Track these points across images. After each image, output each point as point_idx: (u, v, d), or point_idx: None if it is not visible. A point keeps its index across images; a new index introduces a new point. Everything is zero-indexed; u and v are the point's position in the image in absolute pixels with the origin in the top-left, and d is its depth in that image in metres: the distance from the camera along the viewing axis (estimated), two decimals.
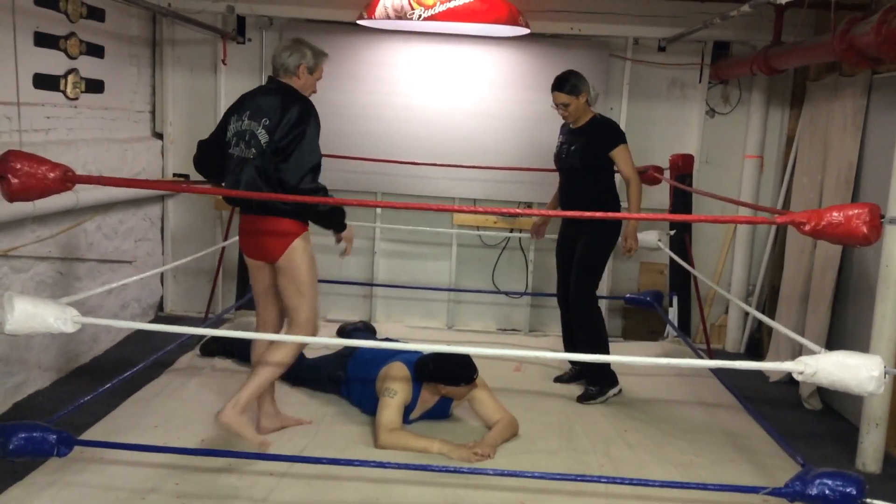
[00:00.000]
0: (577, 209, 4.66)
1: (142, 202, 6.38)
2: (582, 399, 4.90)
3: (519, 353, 3.16)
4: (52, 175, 2.73)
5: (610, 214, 4.65)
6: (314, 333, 3.93)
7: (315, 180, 3.71)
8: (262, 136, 3.69)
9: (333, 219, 3.89)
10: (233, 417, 3.69)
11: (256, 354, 4.06)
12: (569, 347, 5.16)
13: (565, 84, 4.81)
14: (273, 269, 3.88)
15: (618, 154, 4.83)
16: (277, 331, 4.08)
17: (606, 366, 4.91)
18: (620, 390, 4.95)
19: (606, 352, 4.92)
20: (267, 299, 4.05)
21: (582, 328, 4.93)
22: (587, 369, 5.02)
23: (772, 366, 3.02)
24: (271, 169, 3.68)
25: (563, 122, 5.05)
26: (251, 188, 3.71)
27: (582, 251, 4.89)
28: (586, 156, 4.82)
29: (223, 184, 3.95)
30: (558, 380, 5.23)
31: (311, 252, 3.86)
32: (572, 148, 4.88)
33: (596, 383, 4.93)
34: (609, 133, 4.87)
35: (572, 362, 5.24)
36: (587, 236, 4.87)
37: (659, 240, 5.88)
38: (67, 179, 2.76)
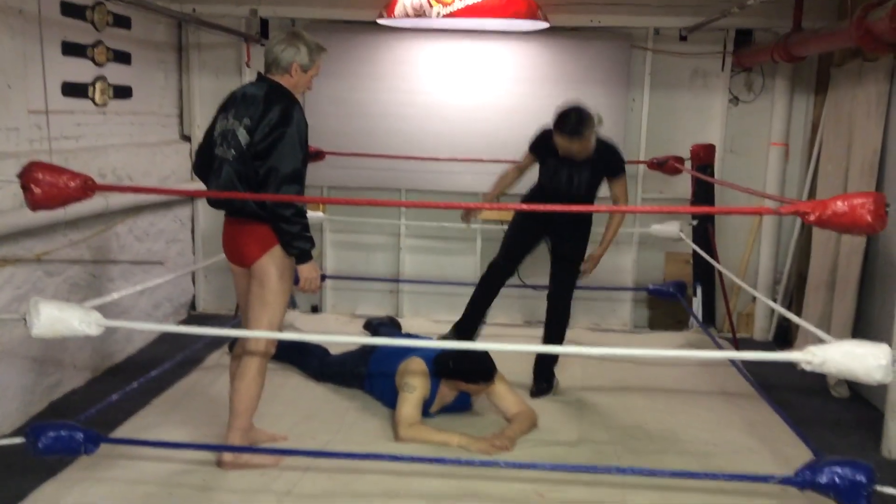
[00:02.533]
0: (568, 223, 4.75)
1: (172, 204, 6.53)
2: (539, 394, 4.86)
3: (530, 348, 3.19)
4: (72, 184, 2.84)
5: (627, 208, 4.61)
6: (267, 350, 3.70)
7: (295, 189, 3.43)
8: (242, 137, 3.48)
9: (291, 245, 3.52)
10: (234, 461, 3.66)
11: (232, 368, 3.88)
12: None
13: (581, 128, 4.46)
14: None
15: (620, 183, 4.78)
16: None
17: (554, 357, 4.99)
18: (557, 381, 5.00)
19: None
20: (251, 304, 3.77)
21: (561, 323, 4.98)
22: (546, 364, 4.98)
23: (779, 356, 3.04)
24: (251, 172, 3.48)
25: (547, 133, 4.76)
26: (228, 189, 3.52)
27: (571, 254, 4.90)
28: (591, 185, 4.76)
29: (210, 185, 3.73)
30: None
31: (287, 264, 3.62)
32: (577, 178, 4.70)
33: (546, 377, 4.95)
34: (615, 161, 4.77)
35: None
36: (575, 242, 4.89)
37: (680, 230, 5.88)
38: (88, 188, 2.87)
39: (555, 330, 4.99)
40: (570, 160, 4.66)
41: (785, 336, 6.61)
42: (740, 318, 6.78)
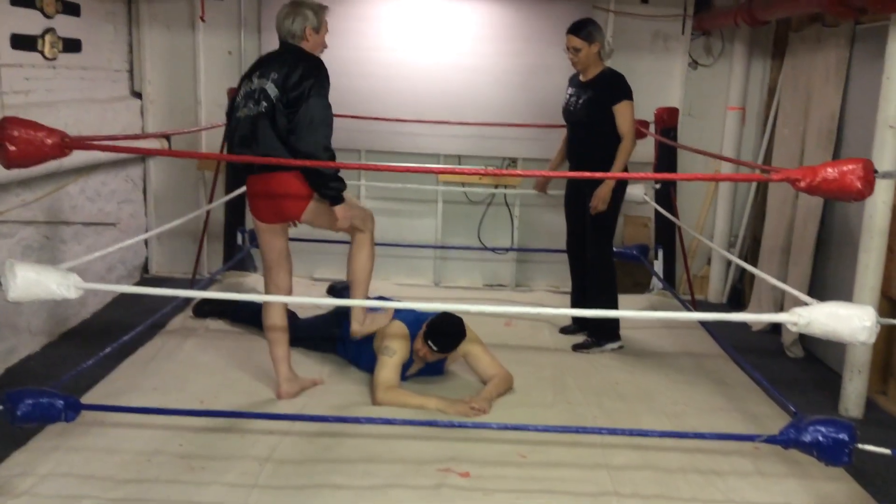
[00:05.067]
0: (585, 163, 4.82)
1: (124, 163, 6.32)
2: (577, 347, 5.03)
3: (533, 311, 3.19)
4: (49, 141, 2.71)
5: (598, 174, 4.66)
6: (373, 227, 4.15)
7: (327, 136, 3.65)
8: (272, 91, 3.64)
9: (328, 186, 3.74)
10: (289, 389, 4.06)
11: (271, 320, 4.06)
12: (577, 300, 5.26)
13: (581, 29, 4.78)
14: (285, 230, 3.97)
15: (620, 108, 4.82)
16: (290, 294, 4.17)
17: (614, 320, 5.04)
18: (621, 346, 5.07)
19: (615, 307, 5.02)
20: (281, 264, 4.04)
21: (596, 284, 5.03)
22: (593, 320, 5.10)
23: (765, 317, 3.11)
24: (283, 122, 3.64)
25: (570, 74, 5.06)
26: (268, 141, 3.66)
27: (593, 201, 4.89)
28: (592, 109, 4.83)
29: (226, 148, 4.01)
30: (564, 331, 5.34)
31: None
32: (580, 101, 4.88)
33: (596, 335, 5.05)
34: (615, 86, 4.85)
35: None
36: (592, 190, 4.88)
37: (645, 193, 5.93)
38: (65, 145, 2.73)
39: (594, 291, 5.02)
40: (578, 87, 4.90)
41: (739, 298, 6.76)
42: (695, 280, 6.90)
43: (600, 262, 5.01)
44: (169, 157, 6.75)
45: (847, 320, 2.83)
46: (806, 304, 3.00)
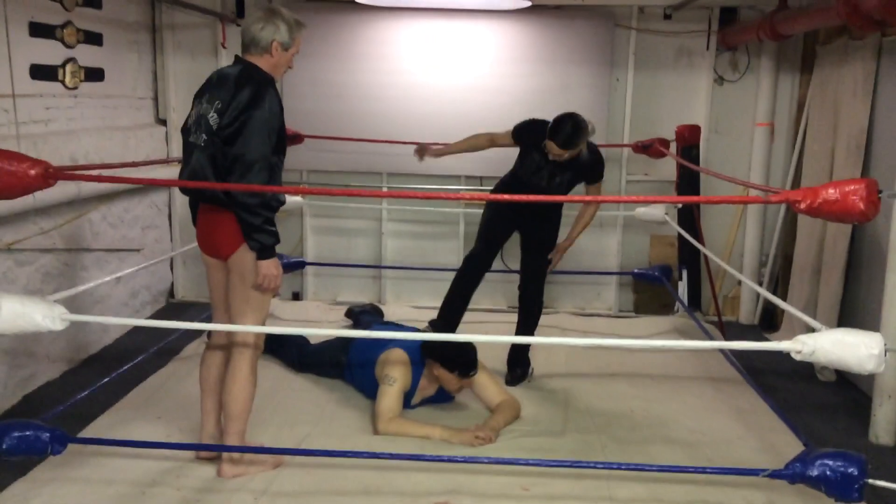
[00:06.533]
0: (541, 211, 4.74)
1: (148, 190, 6.37)
2: (514, 381, 4.83)
3: (515, 339, 3.09)
4: (32, 172, 2.72)
5: (610, 198, 4.59)
6: (257, 345, 3.49)
7: (262, 177, 3.21)
8: (213, 121, 3.28)
9: (251, 236, 3.28)
10: (234, 471, 3.52)
11: (207, 372, 3.66)
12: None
13: (571, 144, 4.42)
14: (226, 268, 3.48)
15: (596, 187, 4.79)
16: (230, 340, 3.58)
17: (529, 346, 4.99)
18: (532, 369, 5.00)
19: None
20: (222, 305, 3.60)
21: (534, 312, 4.96)
22: (519, 351, 4.97)
23: (769, 345, 2.97)
24: (220, 157, 3.27)
25: (532, 126, 4.76)
26: (197, 177, 3.32)
27: (543, 242, 4.88)
28: (570, 185, 4.75)
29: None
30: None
31: None
32: (554, 177, 4.63)
33: (522, 364, 4.93)
34: (598, 168, 4.73)
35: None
36: (548, 230, 4.86)
37: (666, 213, 5.79)
38: (49, 176, 2.75)
39: (528, 319, 4.96)
40: (552, 163, 4.59)
41: (771, 319, 6.55)
42: (725, 301, 6.72)
43: (541, 288, 5.01)
44: None
45: (854, 348, 2.71)
46: (813, 329, 2.88)
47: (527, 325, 4.93)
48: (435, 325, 4.79)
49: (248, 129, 3.20)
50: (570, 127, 4.41)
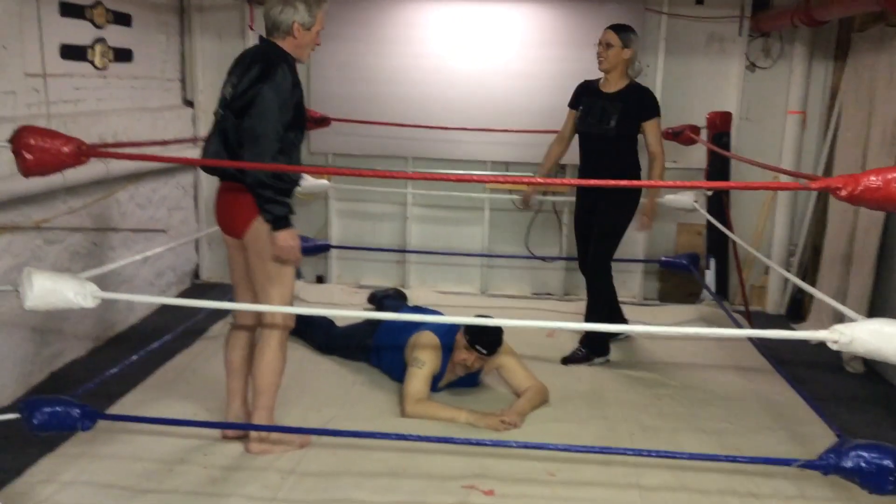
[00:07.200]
0: (602, 176, 4.59)
1: (174, 171, 6.38)
2: (568, 360, 4.89)
3: (543, 324, 3.07)
4: (65, 149, 2.72)
5: (636, 182, 4.53)
6: (285, 323, 3.49)
7: (270, 150, 3.20)
8: (228, 95, 3.33)
9: (264, 208, 3.28)
10: (262, 448, 3.54)
11: (232, 353, 3.70)
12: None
13: (622, 29, 4.72)
14: (244, 247, 3.45)
15: (652, 125, 4.69)
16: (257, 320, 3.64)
17: (605, 333, 4.91)
18: (608, 360, 4.94)
19: (610, 319, 4.86)
20: (244, 284, 3.60)
21: (592, 294, 4.94)
22: (590, 334, 4.95)
23: (805, 334, 2.91)
24: (231, 130, 3.30)
25: (584, 83, 4.95)
26: (209, 151, 3.38)
27: (603, 217, 4.80)
28: (622, 123, 4.67)
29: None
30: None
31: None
32: (606, 113, 4.71)
33: (587, 346, 4.91)
34: (648, 102, 4.74)
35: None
36: (608, 202, 4.77)
37: (695, 201, 5.73)
38: (82, 153, 2.75)
39: (591, 301, 4.95)
40: (602, 99, 4.71)
41: (798, 310, 6.47)
42: (753, 290, 6.65)
43: (600, 273, 4.89)
44: None
45: (891, 339, 2.65)
46: (844, 319, 2.83)
47: (593, 311, 4.93)
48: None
49: (258, 102, 3.18)
50: (627, 24, 4.80)
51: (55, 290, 2.70)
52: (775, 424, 4.08)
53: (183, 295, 6.61)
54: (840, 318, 5.55)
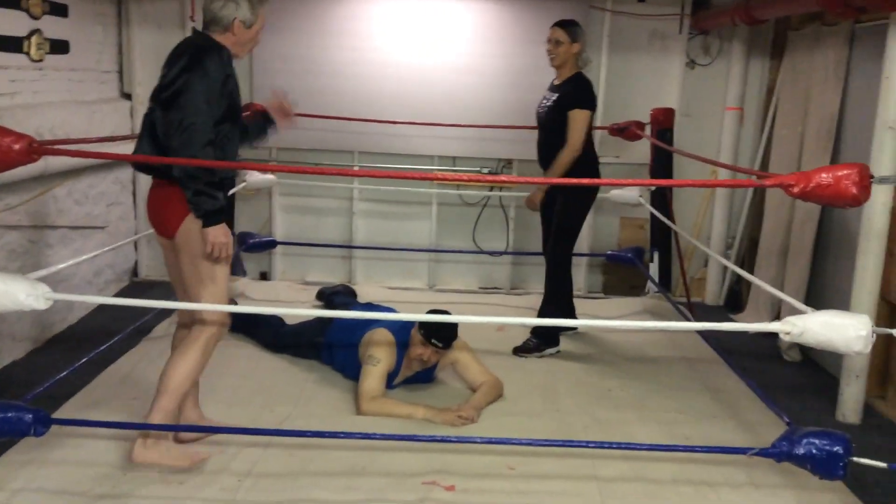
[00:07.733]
0: (548, 165, 4.78)
1: (112, 166, 6.21)
2: (520, 350, 4.95)
3: (497, 320, 3.08)
4: (16, 147, 2.62)
5: (576, 181, 4.65)
6: (219, 332, 3.32)
7: (198, 143, 3.04)
8: (156, 88, 3.20)
9: (191, 200, 3.11)
10: (144, 455, 3.25)
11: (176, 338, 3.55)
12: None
13: (568, 25, 4.84)
14: (175, 248, 3.30)
15: (574, 115, 4.72)
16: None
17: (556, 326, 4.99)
18: (559, 351, 5.01)
19: (565, 313, 4.98)
20: (180, 285, 3.45)
21: (550, 286, 5.04)
22: (540, 326, 5.01)
23: (758, 326, 3.00)
24: (159, 123, 3.15)
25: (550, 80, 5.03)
26: (140, 148, 3.22)
27: (559, 211, 4.91)
28: (554, 112, 4.81)
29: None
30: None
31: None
32: (548, 104, 4.88)
33: (539, 337, 4.98)
34: (577, 92, 4.80)
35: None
36: (563, 196, 4.87)
37: (640, 195, 5.83)
38: (33, 151, 2.65)
39: (550, 296, 5.04)
40: (550, 90, 4.91)
41: (736, 301, 6.66)
42: (692, 282, 6.80)
43: (556, 265, 5.00)
44: None
45: (842, 329, 2.75)
46: (801, 311, 2.92)
47: (545, 302, 5.04)
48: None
49: (184, 93, 3.05)
50: (572, 19, 4.94)
51: (6, 292, 2.61)
52: (722, 413, 4.19)
53: (122, 293, 6.45)
54: (777, 309, 5.76)
